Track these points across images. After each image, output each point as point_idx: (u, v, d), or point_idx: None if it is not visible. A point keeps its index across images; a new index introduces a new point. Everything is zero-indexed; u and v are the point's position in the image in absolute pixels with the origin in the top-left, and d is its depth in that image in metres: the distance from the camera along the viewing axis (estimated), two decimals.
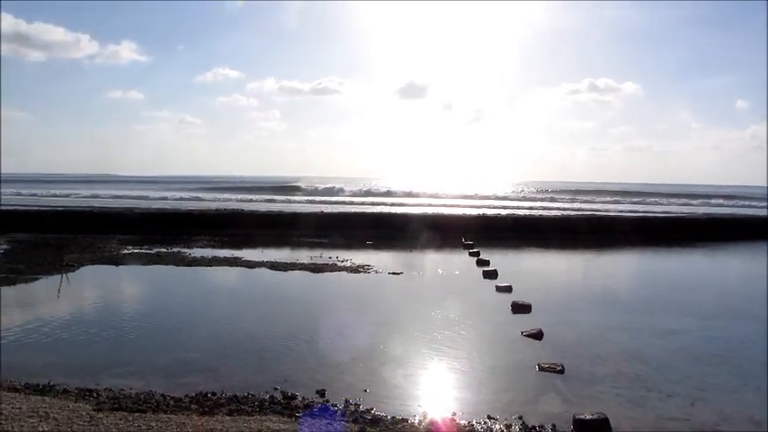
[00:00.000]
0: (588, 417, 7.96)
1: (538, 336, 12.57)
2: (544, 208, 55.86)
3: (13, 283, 18.05)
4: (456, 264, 24.20)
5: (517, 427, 7.97)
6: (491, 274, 20.27)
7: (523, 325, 13.33)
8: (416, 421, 8.00)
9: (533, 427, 7.96)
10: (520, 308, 15.08)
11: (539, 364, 10.53)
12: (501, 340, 12.67)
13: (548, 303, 15.99)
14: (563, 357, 10.84)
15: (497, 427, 7.99)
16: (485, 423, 8.06)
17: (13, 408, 7.72)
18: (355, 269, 21.41)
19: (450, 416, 8.23)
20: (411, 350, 11.74)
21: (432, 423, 7.94)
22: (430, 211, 44.78)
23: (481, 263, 23.02)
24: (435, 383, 10.06)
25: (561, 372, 10.24)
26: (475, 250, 26.03)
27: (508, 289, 17.49)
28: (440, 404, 8.72)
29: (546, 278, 22.05)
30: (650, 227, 37.29)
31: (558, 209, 54.01)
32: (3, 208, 41.93)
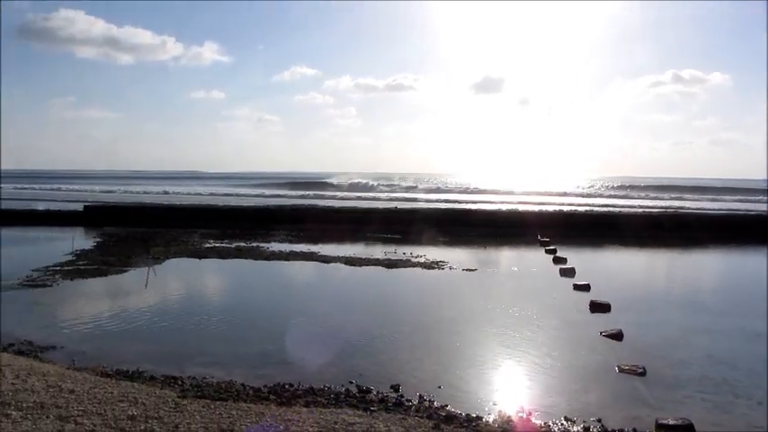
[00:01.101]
0: (672, 422, 7.67)
1: (617, 336, 12.19)
2: (624, 205, 54.03)
3: (105, 275, 19.09)
4: (532, 261, 23.78)
5: (596, 430, 7.77)
6: (568, 272, 19.80)
7: (602, 325, 12.96)
8: (491, 420, 7.93)
9: (613, 431, 7.74)
10: (598, 307, 14.67)
11: (618, 366, 10.22)
12: (579, 340, 12.36)
13: (628, 303, 15.48)
14: (644, 359, 10.47)
15: (575, 429, 7.81)
16: (562, 424, 7.90)
17: (105, 392, 8.18)
18: (429, 265, 21.40)
19: (525, 415, 8.11)
20: (486, 348, 11.66)
21: (507, 422, 7.85)
22: (505, 207, 44.19)
23: (558, 260, 22.53)
24: (511, 382, 9.94)
25: (642, 374, 9.90)
26: (551, 247, 25.50)
27: (586, 287, 17.04)
28: (515, 403, 8.60)
29: (626, 277, 21.36)
30: (737, 225, 35.39)
31: (639, 206, 52.13)
32: (95, 204, 44.38)
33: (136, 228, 32.21)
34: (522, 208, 43.12)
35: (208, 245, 26.44)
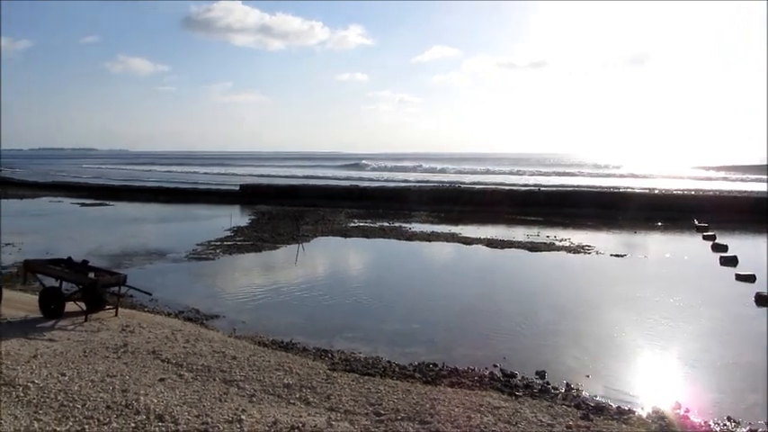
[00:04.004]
0: None
1: None
2: None
3: (260, 250, 20.38)
4: (687, 247, 22.22)
5: None
6: (730, 261, 18.25)
7: None
8: (644, 414, 7.54)
9: None
10: (766, 300, 13.40)
11: None
12: (744, 335, 11.39)
13: None
14: None
15: (740, 431, 7.24)
16: (725, 425, 7.35)
17: (263, 360, 8.77)
18: (575, 249, 20.66)
19: (683, 412, 7.63)
20: (637, 337, 11.09)
21: (662, 418, 7.43)
22: (657, 187, 41.50)
23: (717, 248, 20.80)
24: (666, 376, 9.39)
25: None
26: (710, 233, 23.60)
27: (751, 278, 15.64)
28: (671, 399, 8.10)
29: None
30: None
31: None
32: (249, 183, 47.34)
33: (286, 206, 34.02)
34: (675, 188, 40.21)
35: (353, 224, 27.33)
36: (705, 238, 23.27)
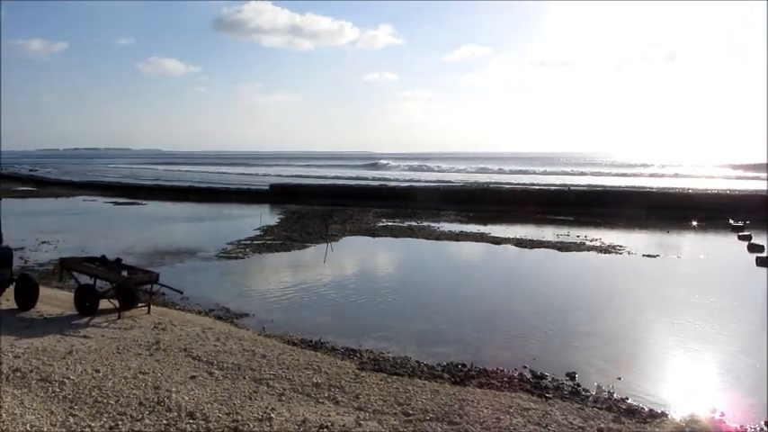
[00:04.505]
0: None
1: None
2: None
3: (289, 250, 20.51)
4: (721, 247, 21.79)
5: None
6: (766, 261, 17.83)
7: None
8: (678, 417, 7.40)
9: None
10: None
11: None
12: None
13: None
14: None
15: None
16: (762, 430, 7.16)
17: (292, 359, 8.82)
18: (605, 249, 20.39)
19: (718, 417, 7.48)
20: (671, 339, 10.90)
21: (695, 422, 7.28)
22: (688, 186, 40.73)
23: (754, 248, 20.30)
24: (701, 379, 9.21)
25: None
26: (746, 233, 23.07)
27: None
28: (706, 402, 7.94)
29: None
30: None
31: None
32: (279, 183, 47.71)
33: (315, 206, 34.19)
34: (707, 186, 39.38)
35: (381, 223, 27.36)
36: (740, 237, 22.75)
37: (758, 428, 7.20)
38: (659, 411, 7.55)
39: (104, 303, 11.00)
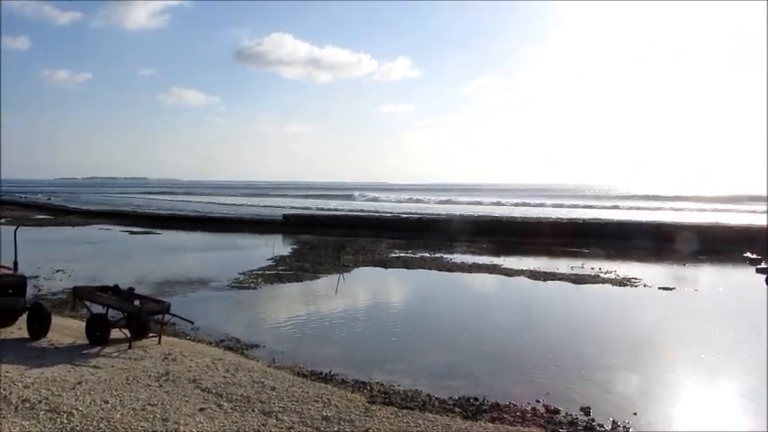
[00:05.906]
0: None
1: None
2: None
3: (301, 280, 20.46)
4: (739, 280, 21.49)
5: None
6: None
7: None
8: None
9: None
10: None
11: None
12: None
13: None
14: None
15: None
16: None
17: (302, 392, 8.71)
18: (621, 282, 20.15)
19: None
20: (690, 373, 10.68)
21: None
22: (704, 219, 40.33)
23: None
24: (720, 417, 8.98)
25: None
26: (764, 266, 22.76)
27: None
28: None
29: None
30: None
31: None
32: (292, 213, 47.91)
33: (328, 236, 34.21)
34: (722, 219, 39.02)
35: (393, 254, 27.27)
36: (758, 270, 22.45)
37: None
38: None
39: (115, 333, 10.98)
